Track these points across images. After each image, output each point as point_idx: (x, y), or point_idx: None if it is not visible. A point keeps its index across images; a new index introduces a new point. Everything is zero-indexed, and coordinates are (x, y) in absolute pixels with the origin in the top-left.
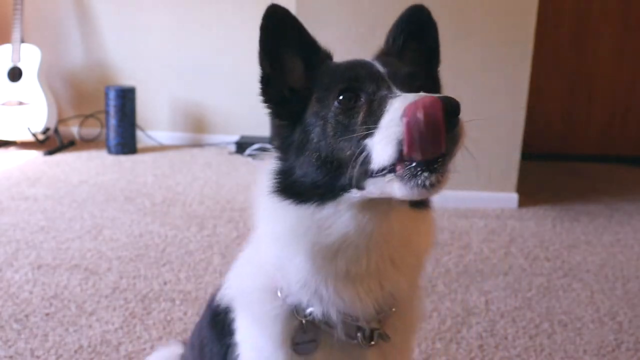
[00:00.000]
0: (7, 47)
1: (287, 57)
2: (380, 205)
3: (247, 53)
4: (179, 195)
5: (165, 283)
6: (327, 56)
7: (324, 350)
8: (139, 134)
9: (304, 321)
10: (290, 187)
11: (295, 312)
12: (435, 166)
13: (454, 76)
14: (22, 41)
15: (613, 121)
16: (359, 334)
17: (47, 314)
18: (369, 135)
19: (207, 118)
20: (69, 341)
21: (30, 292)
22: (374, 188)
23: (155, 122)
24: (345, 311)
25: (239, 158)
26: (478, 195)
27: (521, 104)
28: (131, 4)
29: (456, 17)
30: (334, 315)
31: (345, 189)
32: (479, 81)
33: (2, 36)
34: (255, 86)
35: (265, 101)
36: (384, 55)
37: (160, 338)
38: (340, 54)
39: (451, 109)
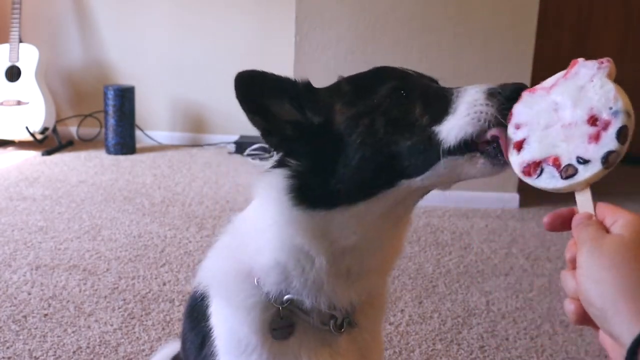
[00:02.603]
0: (5, 47)
1: (272, 104)
2: (399, 209)
3: (246, 53)
4: (178, 196)
5: (164, 283)
6: (307, 84)
7: (300, 335)
8: (138, 133)
9: (280, 308)
10: (319, 198)
11: (271, 300)
12: None
13: (454, 76)
14: (20, 40)
15: None
16: (331, 322)
17: (45, 315)
18: (437, 123)
19: (207, 118)
20: (68, 342)
21: (29, 293)
22: (444, 169)
23: (155, 122)
24: (337, 305)
25: (238, 158)
26: (479, 195)
27: None
28: (130, 3)
29: (457, 16)
30: (323, 307)
31: (392, 182)
32: (480, 81)
33: (0, 36)
34: None
35: (275, 148)
36: None
37: (159, 339)
38: (341, 54)
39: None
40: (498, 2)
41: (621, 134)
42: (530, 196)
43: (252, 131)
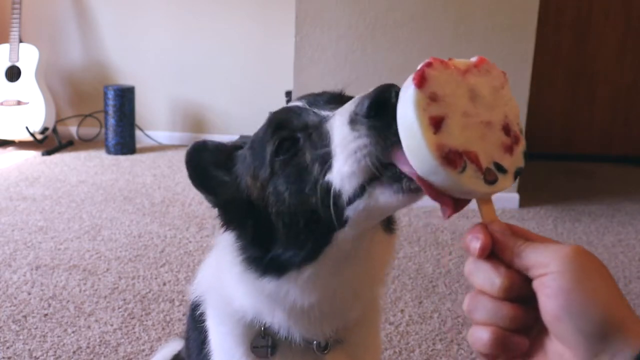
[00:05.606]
0: (5, 47)
1: (218, 175)
2: (354, 256)
3: (246, 53)
4: (178, 195)
5: (164, 283)
6: (239, 147)
7: (284, 353)
8: (138, 133)
9: (262, 328)
10: (267, 267)
11: (255, 319)
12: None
13: None
14: (21, 40)
15: (615, 121)
16: (314, 342)
17: (45, 315)
18: (328, 170)
19: (207, 118)
20: (68, 342)
21: (29, 293)
22: (355, 213)
23: (154, 122)
24: (312, 338)
25: None
26: None
27: (522, 103)
28: (130, 3)
29: (456, 16)
30: (298, 339)
31: (325, 240)
32: None
33: (1, 36)
34: (255, 86)
35: (226, 222)
36: None
37: (159, 339)
38: (341, 54)
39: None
40: (498, 2)
41: (526, 155)
42: (530, 196)
43: (252, 131)
